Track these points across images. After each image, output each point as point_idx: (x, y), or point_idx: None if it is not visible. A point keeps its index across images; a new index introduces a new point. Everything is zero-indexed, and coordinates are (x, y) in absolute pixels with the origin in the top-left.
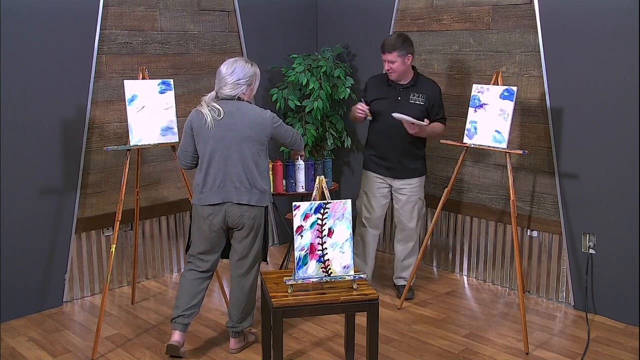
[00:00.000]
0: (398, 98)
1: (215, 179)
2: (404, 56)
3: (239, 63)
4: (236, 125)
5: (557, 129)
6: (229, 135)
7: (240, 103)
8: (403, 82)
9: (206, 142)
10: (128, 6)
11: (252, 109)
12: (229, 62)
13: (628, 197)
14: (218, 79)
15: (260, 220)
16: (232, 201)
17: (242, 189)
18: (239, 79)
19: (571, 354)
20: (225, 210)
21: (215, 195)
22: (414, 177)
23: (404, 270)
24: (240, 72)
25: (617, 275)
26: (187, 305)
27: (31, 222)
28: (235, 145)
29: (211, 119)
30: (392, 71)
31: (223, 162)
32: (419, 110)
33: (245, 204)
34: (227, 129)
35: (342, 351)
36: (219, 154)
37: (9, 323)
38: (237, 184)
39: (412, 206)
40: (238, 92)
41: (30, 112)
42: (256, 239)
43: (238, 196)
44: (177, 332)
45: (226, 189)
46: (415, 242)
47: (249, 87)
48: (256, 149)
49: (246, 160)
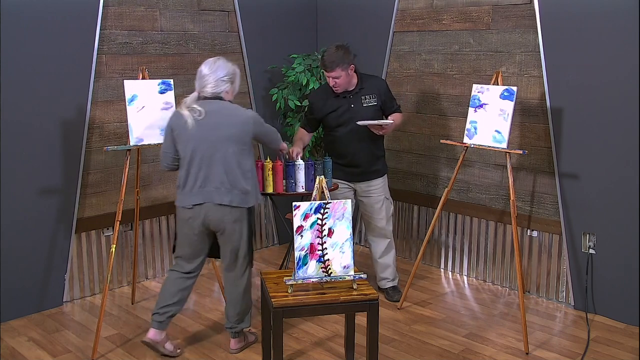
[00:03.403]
0: (351, 106)
1: (197, 179)
2: (347, 69)
3: (220, 61)
4: (218, 125)
5: (557, 129)
6: (210, 135)
7: (222, 102)
8: (350, 89)
9: (187, 142)
10: (128, 6)
11: (234, 108)
12: (210, 61)
13: (628, 197)
14: (199, 79)
15: (243, 223)
16: (212, 202)
17: (222, 189)
18: (221, 77)
19: (571, 354)
20: (205, 211)
21: (195, 196)
22: (378, 177)
23: (384, 270)
24: (221, 70)
25: (617, 275)
26: (163, 303)
27: (31, 222)
28: (217, 145)
29: (192, 120)
30: (338, 86)
31: (204, 162)
32: (374, 111)
33: (226, 204)
34: (209, 129)
35: (342, 351)
36: (200, 154)
37: (9, 323)
38: (218, 184)
39: (380, 206)
40: (220, 90)
41: (30, 112)
42: (241, 241)
43: (219, 197)
44: (151, 330)
45: (207, 189)
46: (390, 240)
47: (232, 85)
48: (239, 148)
49: (228, 160)
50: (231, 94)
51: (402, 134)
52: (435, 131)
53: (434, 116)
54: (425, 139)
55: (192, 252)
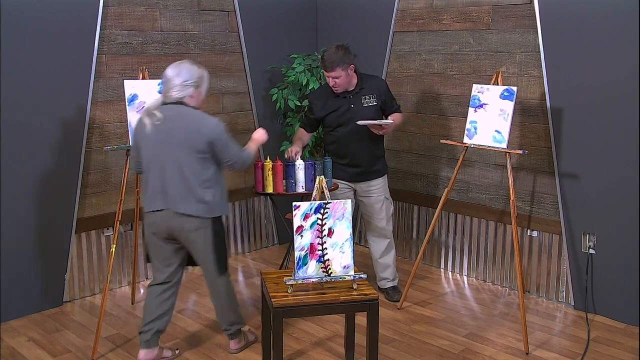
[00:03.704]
0: (351, 106)
1: (155, 185)
2: (346, 69)
3: (185, 65)
4: (173, 131)
5: (557, 129)
6: (166, 141)
7: (181, 107)
8: (350, 89)
9: (146, 148)
10: (128, 6)
11: (192, 114)
12: (175, 64)
13: (628, 197)
14: (164, 83)
15: (206, 231)
16: (172, 209)
17: (178, 197)
18: (185, 80)
19: (571, 354)
20: (166, 218)
21: (155, 202)
22: (378, 177)
23: (384, 270)
24: (186, 74)
25: (617, 275)
26: (146, 320)
27: (31, 222)
28: (172, 152)
29: (150, 125)
30: (338, 86)
31: (160, 169)
32: (374, 111)
33: (184, 213)
34: (165, 135)
35: (342, 351)
36: (156, 160)
37: (9, 323)
38: (175, 192)
39: (380, 206)
40: (185, 94)
41: (30, 112)
42: (207, 250)
43: (176, 205)
44: (141, 351)
45: (165, 195)
46: (390, 240)
47: (197, 89)
48: (193, 157)
49: (182, 167)
50: (197, 99)
51: (402, 134)
52: (435, 131)
53: (434, 116)
54: (425, 139)
55: (162, 258)
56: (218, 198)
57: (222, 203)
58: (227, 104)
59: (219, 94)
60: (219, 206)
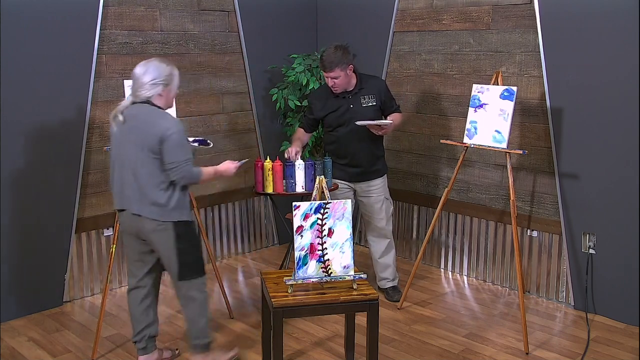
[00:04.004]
0: (350, 106)
1: (116, 185)
2: (345, 69)
3: (153, 62)
4: (132, 130)
5: (557, 129)
6: (125, 141)
7: (144, 106)
8: (349, 89)
9: (112, 148)
10: (128, 6)
11: (151, 113)
12: (143, 62)
13: (628, 197)
14: (133, 82)
15: (167, 234)
16: (128, 209)
17: (132, 198)
18: (154, 79)
19: (571, 354)
20: (128, 219)
21: (117, 201)
22: (378, 177)
23: (384, 270)
24: (154, 72)
25: (617, 275)
26: (137, 328)
27: (31, 222)
28: (129, 152)
29: (115, 126)
30: (337, 86)
31: (119, 168)
32: (373, 111)
33: (139, 215)
34: (125, 134)
35: (342, 351)
36: (117, 160)
37: (9, 323)
38: (129, 192)
39: (380, 206)
40: (153, 93)
41: (30, 112)
42: (170, 253)
43: (130, 205)
44: (140, 358)
45: (122, 195)
46: (390, 240)
47: (166, 87)
48: (149, 157)
49: (136, 167)
50: (166, 97)
51: (402, 134)
52: (435, 131)
53: (434, 116)
54: (425, 139)
55: (135, 259)
56: (175, 201)
57: (182, 207)
58: (227, 104)
59: (219, 94)
60: (177, 210)
